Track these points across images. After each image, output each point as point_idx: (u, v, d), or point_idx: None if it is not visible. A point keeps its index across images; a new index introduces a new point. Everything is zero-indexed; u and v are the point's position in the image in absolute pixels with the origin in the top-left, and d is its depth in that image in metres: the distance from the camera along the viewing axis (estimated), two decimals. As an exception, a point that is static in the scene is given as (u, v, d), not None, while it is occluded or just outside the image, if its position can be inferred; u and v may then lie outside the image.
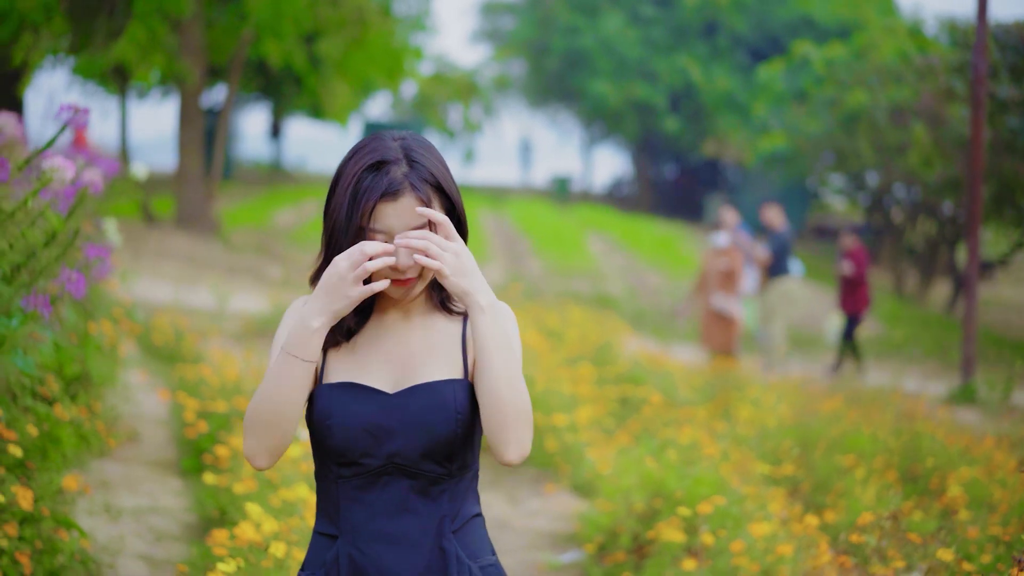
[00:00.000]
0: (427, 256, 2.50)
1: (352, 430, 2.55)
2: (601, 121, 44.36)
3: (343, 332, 2.64)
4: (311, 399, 2.61)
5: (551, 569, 6.41)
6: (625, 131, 42.21)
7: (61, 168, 4.36)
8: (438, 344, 2.65)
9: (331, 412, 2.56)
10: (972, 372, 13.13)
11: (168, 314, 12.50)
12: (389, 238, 2.54)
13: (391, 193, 2.52)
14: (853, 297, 15.51)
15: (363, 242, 2.49)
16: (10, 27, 18.10)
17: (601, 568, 6.08)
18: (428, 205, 2.55)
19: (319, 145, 62.03)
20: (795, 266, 15.30)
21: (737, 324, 14.03)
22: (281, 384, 2.52)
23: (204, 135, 24.01)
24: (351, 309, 2.52)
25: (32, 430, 4.73)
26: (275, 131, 43.70)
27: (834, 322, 16.53)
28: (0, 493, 4.05)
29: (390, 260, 2.48)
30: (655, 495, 6.05)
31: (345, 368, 2.62)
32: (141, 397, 8.81)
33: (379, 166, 2.54)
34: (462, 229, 2.64)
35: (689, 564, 4.90)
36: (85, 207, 5.05)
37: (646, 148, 44.45)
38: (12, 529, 4.29)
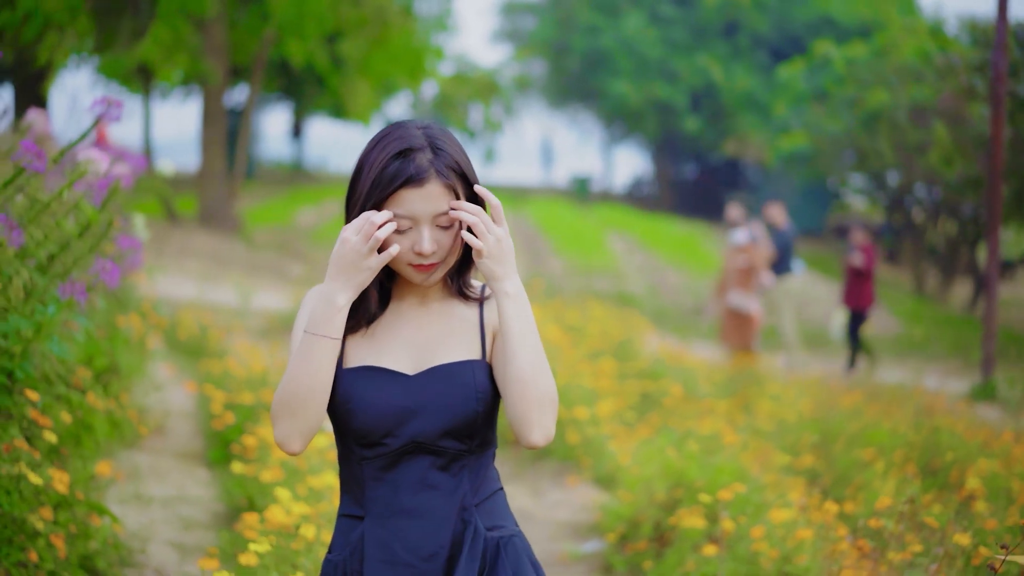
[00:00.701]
0: (473, 233, 2.59)
1: (374, 412, 2.60)
2: (621, 121, 44.37)
3: (366, 318, 2.69)
4: (332, 384, 2.65)
5: (573, 559, 6.49)
6: (645, 131, 42.22)
7: (95, 161, 4.47)
8: (456, 328, 2.70)
9: (352, 395, 2.61)
10: (992, 369, 13.12)
11: (192, 310, 12.63)
12: (415, 223, 2.58)
13: (418, 179, 2.57)
14: (859, 292, 15.51)
15: (367, 212, 2.56)
16: (35, 27, 18.26)
17: (622, 557, 6.15)
18: (454, 190, 2.60)
19: (340, 145, 62.08)
20: (797, 265, 15.39)
21: (755, 321, 14.10)
22: (309, 364, 2.57)
23: (227, 134, 24.17)
24: (371, 280, 2.59)
25: (66, 417, 4.83)
26: (296, 131, 43.87)
27: (839, 318, 16.57)
28: (37, 475, 4.14)
29: (394, 225, 2.55)
30: (676, 485, 6.13)
31: (364, 353, 2.67)
32: (167, 390, 8.93)
33: (405, 153, 2.59)
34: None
35: (710, 550, 4.97)
36: (116, 200, 5.16)
37: (666, 148, 44.46)
38: (47, 513, 4.39)
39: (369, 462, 2.64)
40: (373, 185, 2.59)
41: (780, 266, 15.04)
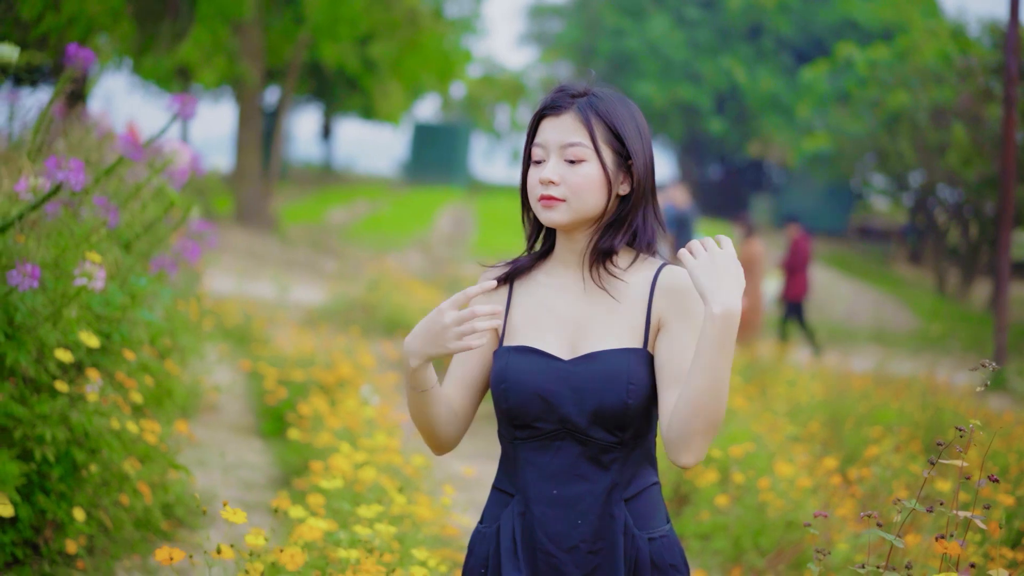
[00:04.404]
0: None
1: (525, 395, 2.58)
2: (646, 122, 44.75)
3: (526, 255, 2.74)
4: (492, 358, 2.69)
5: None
6: (670, 132, 42.67)
7: (179, 151, 5.05)
8: (618, 308, 2.64)
9: (507, 376, 2.60)
10: (1004, 360, 13.52)
11: (235, 303, 13.24)
12: (546, 153, 2.61)
13: (554, 108, 2.63)
14: (791, 283, 16.08)
15: (468, 289, 2.55)
16: (79, 30, 18.90)
17: (644, 518, 6.69)
18: (588, 126, 2.59)
19: (367, 146, 62.78)
20: None
21: (751, 312, 14.60)
22: (412, 407, 2.66)
23: (261, 135, 24.82)
24: (444, 355, 2.57)
25: (149, 381, 5.41)
26: (326, 132, 44.50)
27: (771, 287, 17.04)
28: (133, 424, 4.73)
29: (496, 323, 2.50)
30: (693, 451, 6.66)
31: (525, 329, 2.66)
32: (217, 372, 9.54)
33: (559, 89, 2.66)
34: (636, 181, 2.64)
35: (722, 500, 5.53)
36: (192, 188, 5.75)
37: (691, 149, 44.91)
38: (136, 463, 4.98)
39: (522, 443, 2.63)
40: (531, 119, 2.68)
41: (678, 245, 15.70)
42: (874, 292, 26.78)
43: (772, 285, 16.00)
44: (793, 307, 16.09)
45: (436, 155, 44.13)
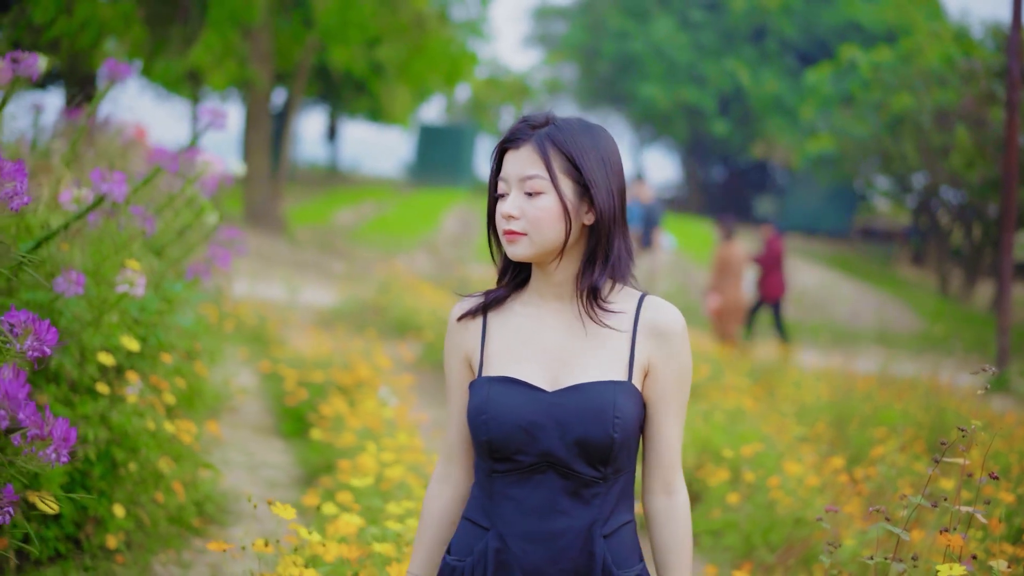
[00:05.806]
0: None
1: (507, 427, 2.52)
2: (651, 124, 45.00)
3: (478, 306, 2.68)
4: (469, 389, 2.64)
5: (611, 520, 7.22)
6: (674, 134, 42.86)
7: (212, 162, 5.25)
8: (601, 339, 2.59)
9: (487, 408, 2.54)
10: (1006, 362, 13.67)
11: (248, 305, 13.44)
12: (508, 186, 2.56)
13: (513, 141, 2.57)
14: (765, 283, 16.40)
15: None
16: (91, 34, 19.10)
17: (656, 516, 6.89)
18: (545, 158, 2.52)
19: (372, 147, 62.97)
20: (665, 240, 16.22)
21: (718, 312, 14.85)
22: None
23: (270, 137, 25.02)
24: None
25: (180, 383, 5.62)
26: (331, 133, 44.69)
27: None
28: (170, 423, 4.94)
29: None
30: (703, 451, 6.89)
31: (504, 360, 2.60)
32: (238, 374, 9.74)
33: (521, 120, 2.60)
34: (599, 210, 2.56)
35: (733, 498, 5.73)
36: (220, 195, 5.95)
37: (695, 150, 45.08)
38: (171, 462, 5.19)
39: (500, 476, 2.57)
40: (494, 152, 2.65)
41: (644, 240, 15.99)
42: (877, 293, 26.96)
43: (748, 275, 16.35)
44: (772, 306, 16.42)
45: (441, 157, 44.37)
